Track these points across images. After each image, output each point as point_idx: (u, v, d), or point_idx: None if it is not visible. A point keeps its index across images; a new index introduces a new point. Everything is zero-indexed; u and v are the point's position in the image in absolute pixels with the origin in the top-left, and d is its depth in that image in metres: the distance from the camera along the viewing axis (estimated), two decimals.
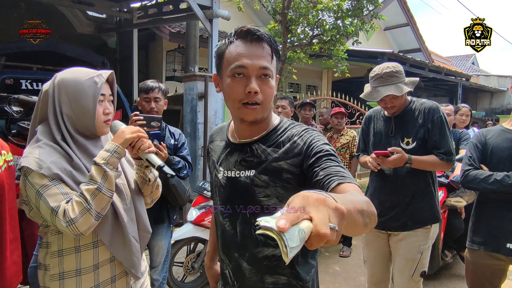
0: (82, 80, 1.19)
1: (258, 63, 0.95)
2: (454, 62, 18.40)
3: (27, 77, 4.53)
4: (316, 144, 0.98)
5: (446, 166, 1.95)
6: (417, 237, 1.97)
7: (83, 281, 1.17)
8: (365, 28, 6.24)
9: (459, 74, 11.61)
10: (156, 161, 1.21)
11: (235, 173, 1.06)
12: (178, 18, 5.59)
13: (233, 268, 1.09)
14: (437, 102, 2.06)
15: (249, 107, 0.96)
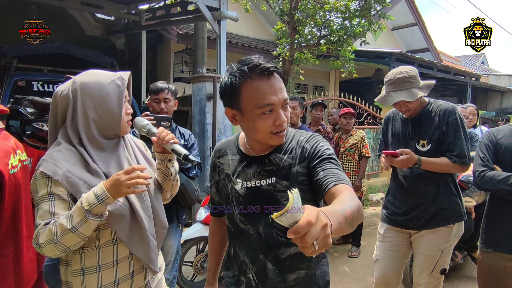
0: (105, 84, 1.21)
1: (282, 97, 1.07)
2: (463, 61, 18.19)
3: (39, 79, 4.61)
4: (321, 148, 1.11)
5: (459, 169, 1.95)
6: (439, 235, 1.99)
7: (103, 277, 1.21)
8: (372, 29, 6.21)
9: (468, 74, 11.47)
10: (182, 150, 1.26)
11: (255, 182, 1.15)
12: (186, 19, 5.63)
13: (257, 270, 1.16)
14: (447, 101, 2.05)
15: (279, 134, 1.09)
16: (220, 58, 4.76)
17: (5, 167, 1.27)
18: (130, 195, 1.23)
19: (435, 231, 1.99)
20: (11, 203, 1.30)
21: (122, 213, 1.22)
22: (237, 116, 1.12)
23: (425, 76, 10.26)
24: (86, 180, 1.16)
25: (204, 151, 4.68)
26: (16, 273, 1.34)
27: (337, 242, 4.29)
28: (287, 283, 1.14)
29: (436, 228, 1.98)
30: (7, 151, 1.32)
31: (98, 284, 1.20)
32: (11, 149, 1.36)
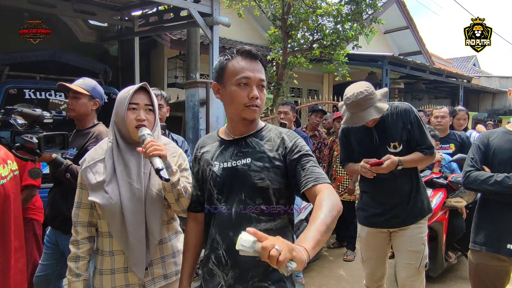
0: (123, 93, 1.44)
1: (258, 76, 1.23)
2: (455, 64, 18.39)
3: (31, 86, 4.56)
4: (299, 144, 1.24)
5: (430, 159, 2.11)
6: (420, 229, 2.09)
7: (104, 262, 1.43)
8: (364, 32, 6.27)
9: (460, 76, 11.60)
10: (155, 164, 1.27)
11: (231, 163, 1.26)
12: (179, 25, 5.64)
13: (226, 247, 1.22)
14: (438, 104, 2.12)
15: (252, 108, 1.23)
16: (213, 63, 4.77)
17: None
18: (124, 200, 1.35)
19: (416, 226, 2.08)
20: (0, 214, 1.29)
21: (112, 211, 1.35)
22: (220, 89, 1.28)
23: (417, 79, 10.37)
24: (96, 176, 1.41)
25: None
26: (5, 284, 1.32)
27: (332, 246, 4.30)
28: (255, 258, 1.13)
29: (416, 223, 2.08)
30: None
31: (100, 266, 1.43)
32: (1, 159, 1.35)
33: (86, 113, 2.07)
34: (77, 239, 1.44)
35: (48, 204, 2.07)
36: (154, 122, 1.45)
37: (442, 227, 3.08)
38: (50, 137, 1.71)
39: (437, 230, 3.07)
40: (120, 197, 1.36)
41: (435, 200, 3.00)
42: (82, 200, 1.45)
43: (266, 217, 1.22)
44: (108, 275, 1.41)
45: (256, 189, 1.21)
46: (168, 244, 1.52)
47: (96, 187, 1.38)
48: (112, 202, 1.35)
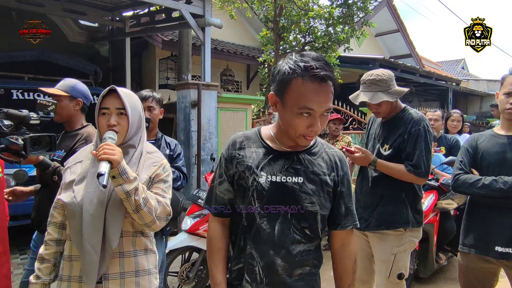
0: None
1: (325, 106, 1.08)
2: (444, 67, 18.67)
3: (18, 87, 4.48)
4: (348, 174, 1.24)
5: (414, 179, 1.96)
6: (389, 240, 2.03)
7: (64, 266, 1.34)
8: (356, 35, 6.32)
9: (449, 79, 11.77)
10: (99, 167, 1.18)
11: (281, 178, 1.16)
12: (171, 26, 5.61)
13: (264, 265, 1.16)
14: (428, 106, 2.13)
15: (307, 138, 1.13)
16: (204, 65, 4.75)
17: None
18: (86, 200, 1.29)
19: (384, 235, 2.02)
20: None
21: (73, 211, 1.30)
22: (278, 104, 1.14)
23: (407, 81, 10.49)
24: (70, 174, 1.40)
25: (189, 158, 4.63)
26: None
27: (324, 248, 4.29)
28: (292, 278, 1.17)
29: (384, 232, 2.02)
30: None
31: (61, 272, 1.35)
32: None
33: (70, 114, 2.02)
34: (46, 240, 1.39)
35: (34, 207, 2.02)
36: (127, 126, 1.35)
37: (433, 229, 3.11)
38: (37, 138, 1.67)
39: (428, 232, 3.09)
40: (83, 197, 1.29)
41: (427, 202, 3.02)
42: (59, 200, 1.40)
43: (307, 240, 1.19)
44: (65, 282, 1.33)
45: (304, 212, 1.16)
46: (132, 260, 1.35)
47: (67, 186, 1.36)
48: (75, 202, 1.29)
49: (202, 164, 4.69)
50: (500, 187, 1.78)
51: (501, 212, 1.84)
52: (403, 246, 2.04)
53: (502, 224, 1.83)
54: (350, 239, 1.25)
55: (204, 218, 2.93)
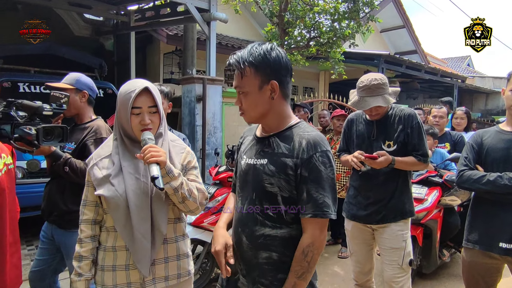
0: (124, 94, 1.38)
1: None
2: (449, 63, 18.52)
3: (25, 80, 4.51)
4: (316, 160, 1.16)
5: (422, 166, 2.18)
6: (399, 227, 2.14)
7: (106, 258, 1.39)
8: (361, 31, 6.27)
9: (454, 76, 11.69)
10: (151, 171, 1.26)
11: (253, 160, 1.26)
12: (176, 21, 5.61)
13: (236, 240, 1.28)
14: (433, 103, 2.16)
15: None
16: (209, 59, 4.75)
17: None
18: (130, 192, 1.34)
19: (395, 224, 2.14)
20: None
21: (117, 203, 1.33)
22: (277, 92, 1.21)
23: (412, 78, 10.44)
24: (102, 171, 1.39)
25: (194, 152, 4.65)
26: (0, 280, 1.31)
27: (327, 243, 4.32)
28: (259, 260, 1.22)
29: (395, 222, 2.13)
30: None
31: (102, 263, 1.40)
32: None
33: (77, 107, 2.04)
34: (81, 237, 1.41)
35: (44, 198, 2.05)
36: (159, 123, 1.43)
37: (437, 225, 3.11)
38: (49, 129, 1.70)
39: (432, 228, 3.10)
40: (126, 190, 1.34)
41: (430, 198, 3.02)
42: (88, 197, 1.42)
43: (272, 223, 1.21)
44: (109, 272, 1.39)
45: (265, 192, 1.21)
46: (174, 245, 1.46)
47: (102, 181, 1.36)
48: (117, 195, 1.33)
49: (206, 159, 4.72)
50: (505, 183, 1.78)
51: (506, 208, 1.85)
52: (408, 232, 2.18)
53: (506, 220, 1.83)
54: (307, 228, 1.17)
55: (208, 211, 2.96)
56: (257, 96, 1.21)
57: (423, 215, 2.99)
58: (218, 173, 3.19)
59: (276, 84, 1.20)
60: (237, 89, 1.23)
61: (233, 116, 5.54)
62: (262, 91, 1.20)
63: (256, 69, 1.18)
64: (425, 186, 3.11)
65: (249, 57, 1.18)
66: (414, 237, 2.95)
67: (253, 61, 1.18)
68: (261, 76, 1.19)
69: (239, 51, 1.22)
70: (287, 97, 1.26)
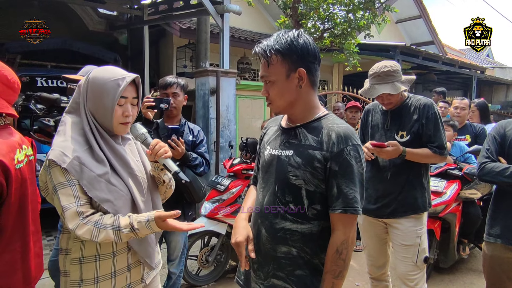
0: (107, 81, 1.24)
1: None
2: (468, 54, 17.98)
3: (42, 74, 4.61)
4: (347, 154, 1.12)
5: (438, 159, 2.07)
6: (412, 223, 2.06)
7: (101, 267, 1.23)
8: (377, 21, 6.14)
9: (473, 67, 11.34)
10: (173, 167, 1.27)
11: (278, 151, 1.23)
12: (189, 13, 5.59)
13: (255, 232, 1.26)
14: (450, 95, 2.09)
15: None
16: (223, 52, 4.73)
17: (11, 161, 1.27)
18: (131, 186, 1.27)
19: (408, 220, 2.06)
20: (17, 198, 1.30)
21: (124, 203, 1.24)
22: (305, 80, 1.18)
23: (429, 69, 10.18)
24: (92, 168, 1.19)
25: (208, 145, 4.67)
26: (24, 267, 1.34)
27: None
28: (277, 253, 1.20)
29: (407, 217, 2.06)
30: (12, 145, 1.32)
31: (96, 274, 1.21)
32: (17, 143, 1.36)
33: None
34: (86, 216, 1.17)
35: None
36: (136, 116, 1.33)
37: (455, 219, 3.05)
38: None
39: (450, 222, 3.04)
40: (128, 188, 1.26)
41: (449, 191, 2.96)
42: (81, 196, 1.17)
43: (293, 217, 1.17)
44: (107, 280, 1.24)
45: (288, 185, 1.17)
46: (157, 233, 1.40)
47: (96, 181, 1.18)
48: (123, 194, 1.24)
49: (220, 151, 4.73)
50: None
51: None
52: (423, 228, 2.09)
53: None
54: (338, 225, 1.13)
55: (223, 203, 2.97)
56: (284, 85, 1.17)
57: (441, 209, 2.93)
58: (233, 166, 3.19)
59: (304, 71, 1.16)
60: (264, 78, 1.20)
61: (246, 109, 5.52)
62: (290, 79, 1.17)
63: (283, 57, 1.15)
64: (444, 179, 3.05)
65: (275, 45, 1.15)
66: (432, 231, 2.89)
67: (279, 48, 1.14)
68: (288, 63, 1.15)
69: (264, 40, 1.19)
70: (315, 86, 1.22)
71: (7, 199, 1.25)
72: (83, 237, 1.14)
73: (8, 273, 1.27)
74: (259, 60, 1.20)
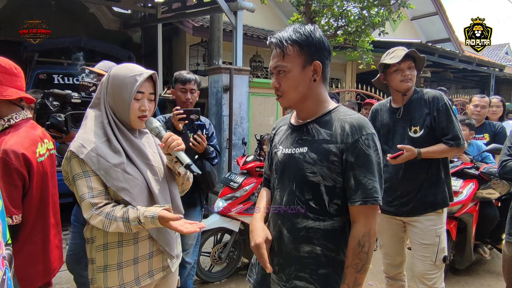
0: (126, 77, 1.30)
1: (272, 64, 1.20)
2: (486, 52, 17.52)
3: (59, 71, 4.70)
4: (363, 143, 1.10)
5: (456, 151, 2.01)
6: (432, 221, 2.02)
7: (124, 253, 1.29)
8: (392, 18, 6.04)
9: (492, 64, 11.06)
10: (185, 159, 1.29)
11: (291, 150, 1.20)
12: (202, 11, 5.61)
13: (276, 233, 1.22)
14: (466, 94, 2.05)
15: None
16: (236, 49, 4.73)
17: (33, 155, 1.30)
18: (147, 176, 1.31)
19: (427, 218, 2.02)
20: (39, 191, 1.34)
21: (140, 192, 1.29)
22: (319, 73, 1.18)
23: (445, 67, 9.97)
24: (108, 158, 1.24)
25: (221, 142, 4.69)
26: (45, 259, 1.38)
27: None
28: (300, 253, 1.17)
29: (427, 215, 2.01)
30: (34, 139, 1.35)
31: (119, 259, 1.27)
32: (39, 137, 1.39)
33: None
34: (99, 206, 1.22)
35: None
36: (153, 112, 1.40)
37: (472, 219, 2.98)
38: (78, 115, 1.76)
39: (467, 222, 2.97)
40: (144, 176, 1.31)
41: (466, 191, 2.89)
42: (95, 187, 1.23)
43: (314, 215, 1.15)
44: (130, 266, 1.29)
45: (306, 182, 1.15)
46: None
47: (113, 171, 1.23)
48: (139, 183, 1.29)
49: (233, 149, 4.74)
50: None
51: None
52: (443, 227, 2.05)
53: None
54: (358, 217, 1.11)
55: (236, 200, 2.98)
56: (299, 76, 1.15)
57: (457, 208, 2.87)
58: (246, 163, 3.19)
59: (320, 65, 1.16)
60: (277, 69, 1.16)
61: (259, 107, 5.52)
62: (305, 71, 1.16)
63: (300, 48, 1.14)
64: (460, 178, 2.98)
65: (294, 35, 1.14)
66: (448, 231, 2.84)
67: (297, 39, 1.13)
68: (305, 55, 1.14)
69: (279, 32, 1.18)
70: (326, 81, 1.22)
71: (29, 192, 1.28)
72: (96, 227, 1.22)
73: (30, 264, 1.31)
74: (271, 52, 1.19)
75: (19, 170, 1.23)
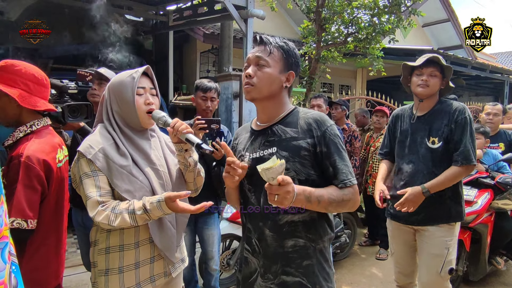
0: (123, 79, 1.36)
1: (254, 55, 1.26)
2: (499, 59, 17.28)
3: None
4: (329, 133, 1.21)
5: (466, 171, 1.92)
6: (443, 233, 1.98)
7: (125, 257, 1.29)
8: (402, 25, 6.01)
9: (506, 71, 10.88)
10: (194, 139, 1.30)
11: (259, 153, 1.26)
12: (213, 19, 5.68)
13: (258, 236, 1.26)
14: (479, 101, 2.01)
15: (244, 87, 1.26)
16: (246, 56, 4.76)
17: (53, 161, 1.33)
18: (152, 179, 1.32)
19: (438, 229, 1.98)
20: (55, 195, 1.36)
21: (144, 194, 1.30)
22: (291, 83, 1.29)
23: (458, 74, 9.85)
24: (115, 160, 1.28)
25: None
26: (57, 261, 1.39)
27: (364, 244, 4.19)
28: (284, 249, 1.22)
29: (438, 226, 1.98)
30: (54, 146, 1.38)
31: (120, 263, 1.28)
32: (57, 144, 1.42)
33: None
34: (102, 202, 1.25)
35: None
36: (158, 106, 1.42)
37: (487, 230, 2.91)
38: (75, 106, 1.78)
39: (481, 233, 2.90)
40: (149, 180, 1.33)
41: (480, 200, 2.83)
42: (102, 187, 1.26)
43: (293, 209, 1.21)
44: (131, 271, 1.29)
45: None
46: None
47: (118, 172, 1.26)
48: (144, 186, 1.31)
49: None
50: None
51: None
52: (454, 240, 2.01)
53: None
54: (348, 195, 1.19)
55: None
56: (275, 76, 1.24)
57: (471, 219, 2.80)
58: None
59: (294, 75, 1.27)
60: (258, 59, 1.23)
61: None
62: (280, 75, 1.25)
63: (283, 55, 1.25)
64: (475, 187, 2.92)
65: (280, 43, 1.26)
66: (461, 241, 2.77)
67: (283, 46, 1.25)
68: (285, 62, 1.25)
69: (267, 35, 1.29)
70: (290, 92, 1.33)
71: (47, 197, 1.30)
72: (101, 223, 1.21)
73: (43, 266, 1.32)
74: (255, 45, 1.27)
75: (40, 175, 1.25)
